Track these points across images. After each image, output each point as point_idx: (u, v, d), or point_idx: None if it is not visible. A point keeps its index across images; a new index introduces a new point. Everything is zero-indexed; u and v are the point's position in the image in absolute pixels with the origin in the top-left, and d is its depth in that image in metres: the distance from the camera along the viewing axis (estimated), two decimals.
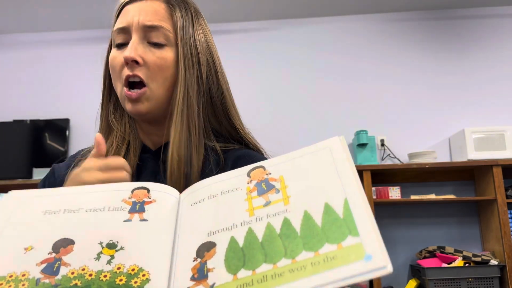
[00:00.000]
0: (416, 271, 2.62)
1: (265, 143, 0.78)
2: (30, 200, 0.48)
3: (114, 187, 0.51)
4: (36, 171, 2.91)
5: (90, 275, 0.39)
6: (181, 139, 0.64)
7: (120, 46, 0.67)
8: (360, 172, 2.60)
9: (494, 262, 2.43)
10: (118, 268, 0.40)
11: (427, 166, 2.59)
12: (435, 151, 2.74)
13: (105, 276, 0.39)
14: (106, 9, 2.95)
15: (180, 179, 0.61)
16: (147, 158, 0.71)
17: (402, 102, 3.01)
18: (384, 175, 2.79)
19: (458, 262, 2.45)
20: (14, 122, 3.00)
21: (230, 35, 3.19)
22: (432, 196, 2.65)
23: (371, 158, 2.79)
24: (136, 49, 0.64)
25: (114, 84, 0.69)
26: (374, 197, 2.63)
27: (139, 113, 0.66)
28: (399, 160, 2.87)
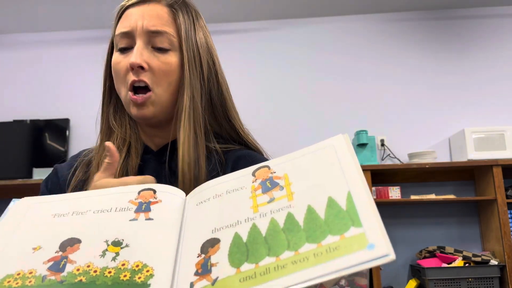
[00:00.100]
0: (416, 271, 2.62)
1: (265, 143, 0.78)
2: (40, 205, 0.50)
3: (121, 190, 0.51)
4: (36, 171, 2.91)
5: (95, 272, 0.40)
6: (190, 142, 0.64)
7: (123, 50, 0.67)
8: None
9: (494, 262, 2.43)
10: (123, 264, 0.41)
11: (427, 166, 2.59)
12: (435, 151, 2.74)
13: (109, 272, 0.40)
14: (106, 9, 2.96)
15: (191, 182, 0.62)
16: (149, 159, 0.71)
17: (402, 102, 3.01)
18: (384, 175, 2.79)
19: (458, 262, 2.45)
20: (14, 122, 3.00)
21: (230, 35, 3.19)
22: (432, 196, 2.65)
23: (371, 158, 2.79)
24: (141, 54, 0.64)
25: (117, 88, 0.69)
26: (374, 197, 2.63)
27: (145, 117, 0.66)
28: (399, 160, 2.87)
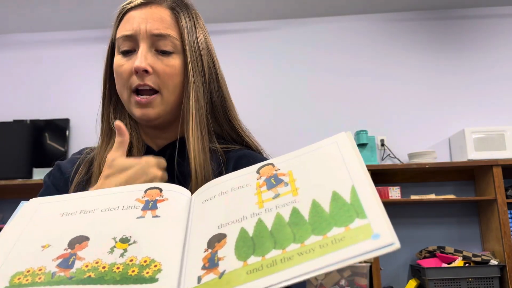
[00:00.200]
0: (416, 271, 2.62)
1: (265, 143, 0.79)
2: (48, 205, 0.51)
3: (129, 189, 0.52)
4: (36, 171, 2.91)
5: (104, 268, 0.41)
6: (199, 144, 0.66)
7: (125, 53, 0.67)
8: None
9: (494, 262, 2.43)
10: (131, 260, 0.41)
11: (427, 166, 2.59)
12: (435, 151, 2.74)
13: (117, 268, 0.41)
14: (106, 9, 2.95)
15: (203, 182, 0.62)
16: None
17: (402, 102, 3.01)
18: (384, 175, 2.79)
19: (458, 262, 2.45)
20: (14, 122, 3.00)
21: (230, 35, 3.19)
22: (432, 196, 2.65)
23: (371, 158, 2.79)
24: (146, 58, 0.64)
25: (119, 90, 0.69)
26: None
27: (149, 118, 0.67)
28: (399, 160, 2.87)
